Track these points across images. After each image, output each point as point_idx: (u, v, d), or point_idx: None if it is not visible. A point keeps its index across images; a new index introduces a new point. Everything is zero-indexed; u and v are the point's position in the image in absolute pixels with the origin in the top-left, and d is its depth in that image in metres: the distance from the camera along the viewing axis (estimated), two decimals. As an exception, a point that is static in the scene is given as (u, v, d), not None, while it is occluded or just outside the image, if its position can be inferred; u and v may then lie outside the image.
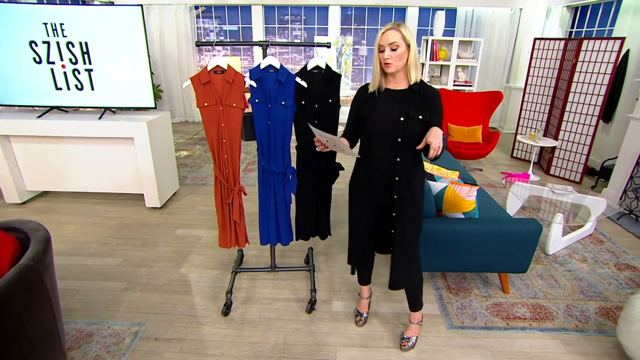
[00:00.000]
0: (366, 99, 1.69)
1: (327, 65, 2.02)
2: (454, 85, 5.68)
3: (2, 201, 3.66)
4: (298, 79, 1.94)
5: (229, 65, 1.89)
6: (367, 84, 1.71)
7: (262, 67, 1.90)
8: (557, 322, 2.21)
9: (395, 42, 1.53)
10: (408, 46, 1.55)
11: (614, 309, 2.33)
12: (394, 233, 1.78)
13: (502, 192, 4.05)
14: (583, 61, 4.13)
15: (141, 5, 3.10)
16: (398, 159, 1.66)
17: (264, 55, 1.94)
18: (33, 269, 1.39)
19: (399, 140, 1.62)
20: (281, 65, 1.92)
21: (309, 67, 2.00)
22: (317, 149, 1.72)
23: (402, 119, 1.60)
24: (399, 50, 1.54)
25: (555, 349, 2.04)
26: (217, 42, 1.92)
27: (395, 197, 1.72)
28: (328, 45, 2.11)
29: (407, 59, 1.58)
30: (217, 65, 1.88)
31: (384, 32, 1.54)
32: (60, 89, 3.37)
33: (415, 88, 1.62)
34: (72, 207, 3.61)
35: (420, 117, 1.60)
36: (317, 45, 2.10)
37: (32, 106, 3.53)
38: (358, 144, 1.85)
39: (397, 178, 1.69)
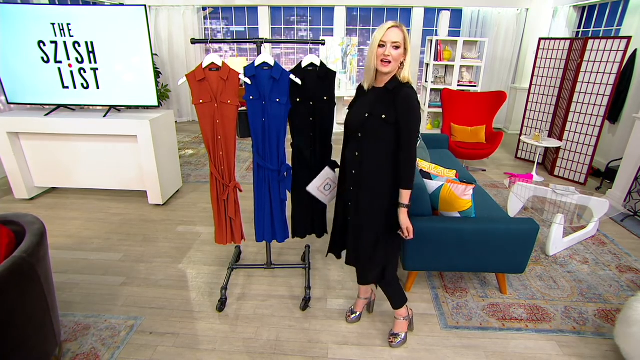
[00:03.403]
0: (356, 96, 1.76)
1: (322, 63, 2.02)
2: (458, 85, 5.64)
3: (11, 197, 3.75)
4: (292, 76, 1.95)
5: (223, 62, 1.92)
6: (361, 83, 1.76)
7: (256, 64, 1.92)
8: (554, 324, 2.18)
9: (399, 41, 1.51)
10: (405, 50, 1.55)
11: (614, 311, 2.29)
12: (349, 221, 1.84)
13: (505, 193, 4.00)
14: (588, 61, 4.07)
15: (145, 6, 3.15)
16: (357, 153, 1.70)
17: (259, 53, 1.96)
18: (26, 261, 1.43)
19: (359, 135, 1.66)
20: (275, 63, 1.93)
21: (303, 65, 2.01)
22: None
23: (366, 115, 1.62)
24: (400, 51, 1.53)
25: (551, 350, 2.01)
26: (212, 39, 1.95)
27: (351, 188, 1.77)
28: (323, 43, 2.12)
29: (402, 62, 1.57)
30: (212, 63, 1.90)
31: (388, 29, 1.50)
32: (67, 87, 3.44)
33: (390, 87, 1.58)
34: (78, 204, 3.68)
35: (384, 116, 1.57)
36: (312, 42, 2.12)
37: (40, 104, 3.61)
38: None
39: (353, 171, 1.73)
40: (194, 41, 2.00)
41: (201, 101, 1.97)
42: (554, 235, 2.79)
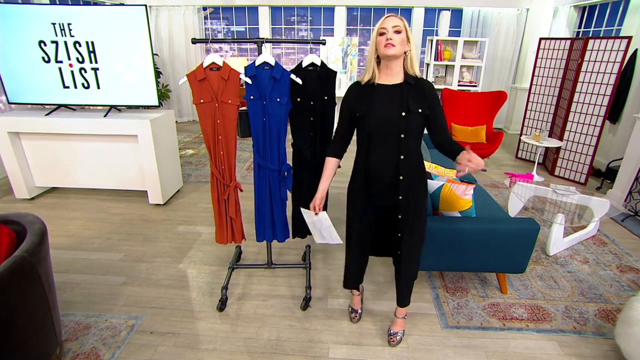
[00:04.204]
0: (360, 97, 1.62)
1: (322, 63, 2.03)
2: (458, 85, 5.64)
3: (11, 197, 3.75)
4: (293, 76, 1.95)
5: (224, 62, 1.92)
6: (355, 83, 1.66)
7: (256, 64, 1.92)
8: (554, 324, 2.18)
9: (399, 25, 1.51)
10: (407, 38, 1.55)
11: (614, 311, 2.29)
12: (401, 237, 1.73)
13: (505, 193, 4.00)
14: (589, 61, 4.07)
15: (145, 5, 3.15)
16: (402, 157, 1.59)
17: (259, 53, 1.96)
18: (27, 260, 1.43)
19: (402, 136, 1.57)
20: (276, 62, 1.93)
21: (304, 65, 2.02)
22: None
23: (403, 114, 1.55)
24: (402, 35, 1.52)
25: (552, 350, 2.01)
26: (212, 39, 1.95)
27: (400, 197, 1.66)
28: (323, 42, 2.12)
29: (407, 52, 1.56)
30: (213, 62, 1.90)
31: (386, 17, 1.52)
32: (68, 87, 3.44)
33: (411, 81, 1.58)
34: (78, 203, 3.68)
35: (420, 110, 1.57)
36: (312, 42, 2.12)
37: (41, 104, 3.61)
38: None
39: (401, 177, 1.62)
40: (194, 41, 2.00)
41: (202, 101, 1.97)
42: (555, 235, 2.79)
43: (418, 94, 1.58)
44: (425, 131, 1.68)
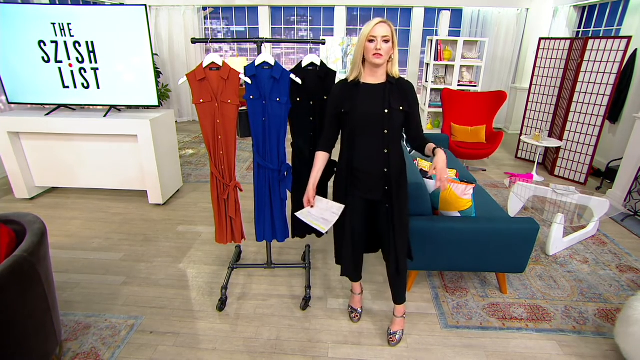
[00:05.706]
0: (345, 95, 1.70)
1: (322, 62, 2.03)
2: (458, 85, 5.64)
3: (11, 196, 3.75)
4: (292, 76, 1.95)
5: (224, 62, 1.92)
6: (341, 81, 1.74)
7: (256, 63, 1.92)
8: (554, 324, 2.18)
9: (388, 35, 1.57)
10: (393, 44, 1.62)
11: (614, 311, 2.29)
12: (394, 226, 1.79)
13: (505, 193, 4.01)
14: (589, 61, 4.07)
15: (145, 5, 3.15)
16: (386, 151, 1.70)
17: (259, 52, 1.96)
18: (27, 260, 1.43)
19: (386, 132, 1.67)
20: (276, 62, 1.93)
21: (303, 64, 2.02)
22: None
23: (386, 111, 1.65)
24: (389, 45, 1.60)
25: (551, 350, 2.01)
26: (212, 39, 1.95)
27: (387, 188, 1.75)
28: (323, 42, 2.13)
29: (391, 56, 1.65)
30: (212, 62, 1.91)
31: (376, 24, 1.57)
32: (68, 87, 3.44)
33: (392, 81, 1.68)
34: (78, 203, 3.68)
35: (401, 108, 1.67)
36: (312, 42, 2.12)
37: (41, 104, 3.61)
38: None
39: (385, 170, 1.73)
40: (194, 41, 2.00)
41: (202, 101, 1.97)
42: (554, 235, 2.79)
43: (399, 93, 1.68)
44: (425, 131, 1.73)
